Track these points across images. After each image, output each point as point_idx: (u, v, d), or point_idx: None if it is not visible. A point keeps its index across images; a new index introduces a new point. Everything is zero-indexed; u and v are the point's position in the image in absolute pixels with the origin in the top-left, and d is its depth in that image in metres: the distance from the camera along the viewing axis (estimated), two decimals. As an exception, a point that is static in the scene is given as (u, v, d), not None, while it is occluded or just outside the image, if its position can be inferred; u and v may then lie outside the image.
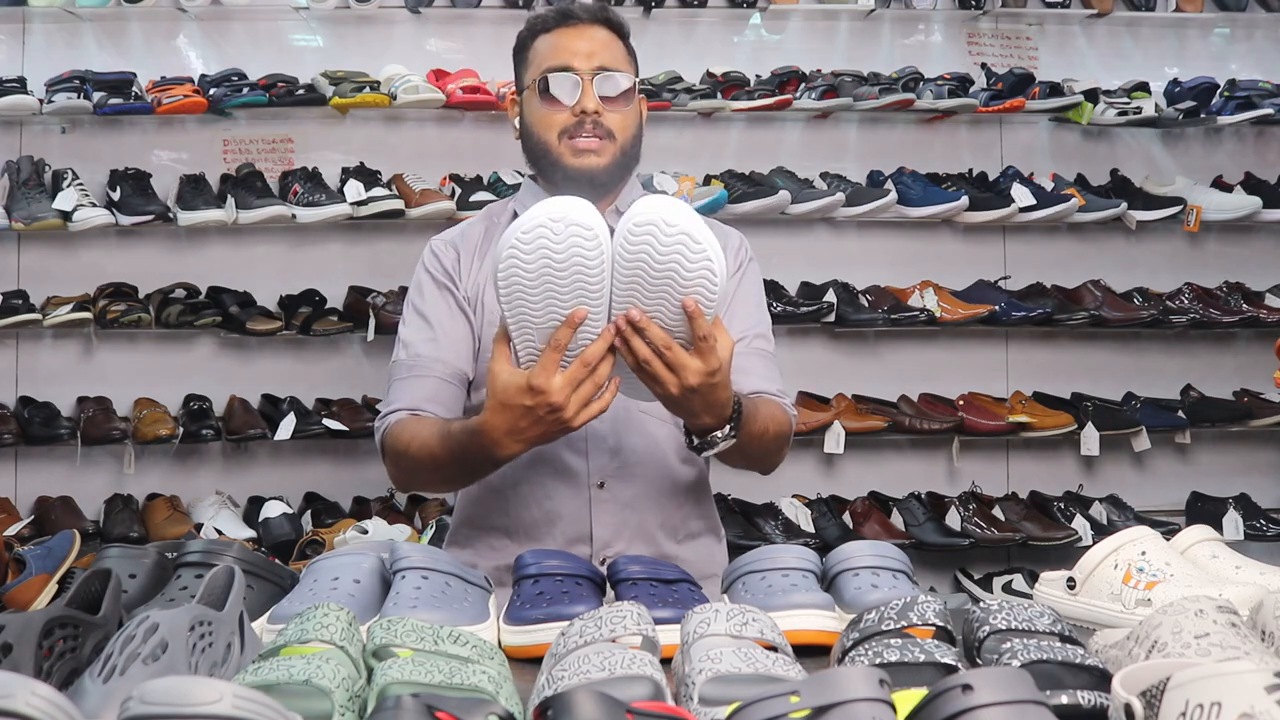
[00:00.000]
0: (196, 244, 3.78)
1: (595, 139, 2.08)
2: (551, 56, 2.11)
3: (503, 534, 2.13)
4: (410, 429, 2.01)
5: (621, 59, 2.14)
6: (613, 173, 2.12)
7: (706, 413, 1.79)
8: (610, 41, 2.15)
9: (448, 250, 2.20)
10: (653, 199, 1.65)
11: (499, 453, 1.81)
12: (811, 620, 1.56)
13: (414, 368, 2.10)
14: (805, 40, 4.05)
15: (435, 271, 2.17)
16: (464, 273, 2.17)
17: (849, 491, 3.88)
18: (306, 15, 3.78)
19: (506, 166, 3.70)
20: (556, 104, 2.09)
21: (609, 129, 2.09)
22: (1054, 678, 1.21)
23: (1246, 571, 1.66)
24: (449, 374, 2.09)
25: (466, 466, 1.94)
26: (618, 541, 2.10)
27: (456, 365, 2.10)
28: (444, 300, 2.15)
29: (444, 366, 2.09)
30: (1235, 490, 3.94)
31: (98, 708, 1.14)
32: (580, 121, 2.08)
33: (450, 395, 2.08)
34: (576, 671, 1.19)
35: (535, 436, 1.78)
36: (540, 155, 2.14)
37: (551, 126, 2.10)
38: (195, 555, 1.65)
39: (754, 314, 2.20)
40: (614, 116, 2.10)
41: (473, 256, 2.18)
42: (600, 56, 2.10)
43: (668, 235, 1.61)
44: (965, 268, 3.97)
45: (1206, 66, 4.10)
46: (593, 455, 2.09)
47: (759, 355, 2.15)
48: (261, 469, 3.79)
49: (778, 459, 2.14)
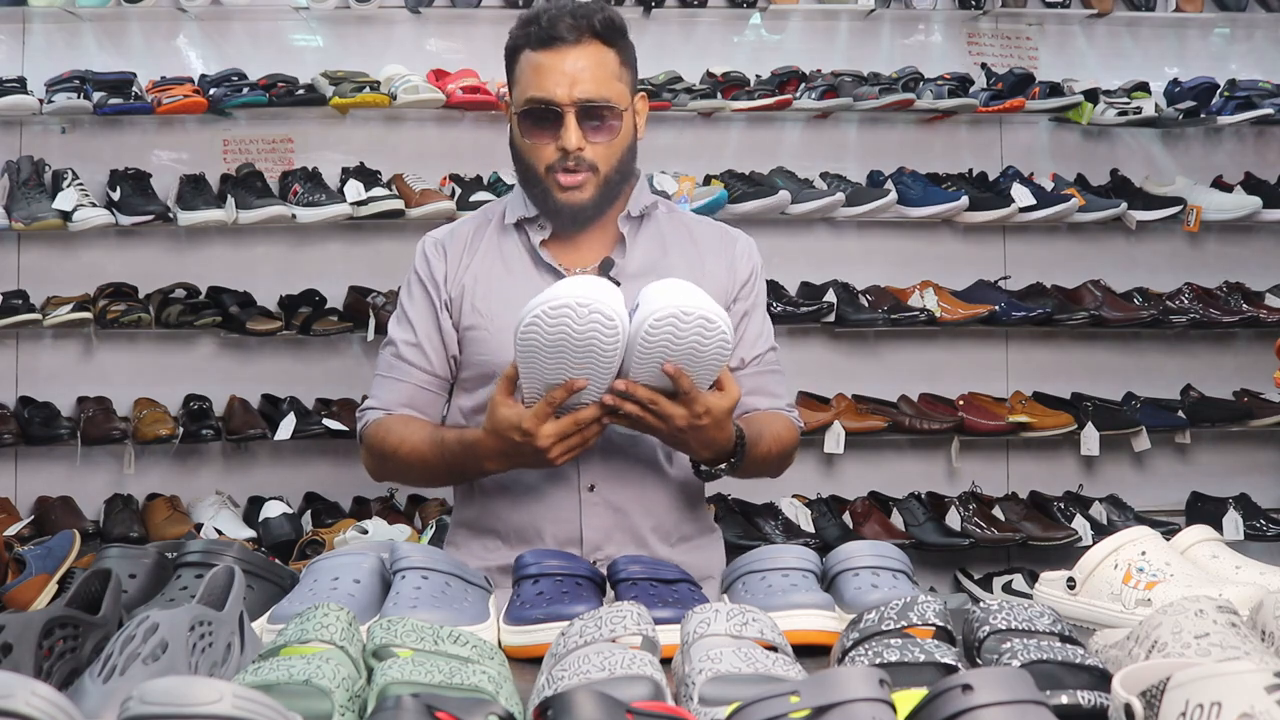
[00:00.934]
0: (196, 244, 3.78)
1: (579, 174, 2.08)
2: (535, 84, 2.07)
3: (496, 536, 2.15)
4: (398, 432, 2.12)
5: (610, 77, 2.08)
6: (598, 204, 2.12)
7: (704, 449, 1.95)
8: (599, 59, 2.07)
9: (437, 252, 2.22)
10: (666, 288, 1.78)
11: (488, 466, 2.00)
12: (811, 620, 1.56)
13: (393, 369, 2.19)
14: (805, 40, 4.05)
15: (423, 275, 2.21)
16: (451, 272, 2.20)
17: (849, 491, 3.88)
18: (306, 15, 3.78)
19: (506, 166, 3.66)
20: (540, 137, 2.08)
21: (592, 162, 2.08)
22: (1054, 678, 1.21)
23: (1246, 571, 1.66)
24: (425, 380, 2.18)
25: (456, 472, 2.11)
26: (608, 545, 2.10)
27: (434, 371, 2.18)
28: (427, 305, 2.19)
29: (420, 373, 2.18)
30: (1235, 490, 3.94)
31: (98, 708, 1.14)
32: (563, 156, 2.07)
33: (426, 400, 2.19)
34: (576, 671, 1.19)
35: (520, 463, 1.96)
36: (529, 181, 2.15)
37: (537, 160, 2.10)
38: (195, 555, 1.65)
39: (764, 327, 2.25)
40: (597, 149, 2.07)
41: (461, 254, 2.21)
42: (584, 85, 2.04)
43: (685, 322, 1.75)
44: (965, 268, 3.97)
45: (1206, 66, 4.10)
46: (584, 458, 2.08)
47: (770, 374, 2.22)
48: (261, 469, 3.79)
49: (785, 467, 2.24)
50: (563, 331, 1.72)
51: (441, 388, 2.20)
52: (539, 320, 1.72)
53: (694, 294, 1.77)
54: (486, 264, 2.18)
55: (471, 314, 2.14)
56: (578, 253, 2.18)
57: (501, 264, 2.18)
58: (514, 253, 2.18)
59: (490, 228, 2.23)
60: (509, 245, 2.19)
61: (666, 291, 1.77)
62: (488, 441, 1.93)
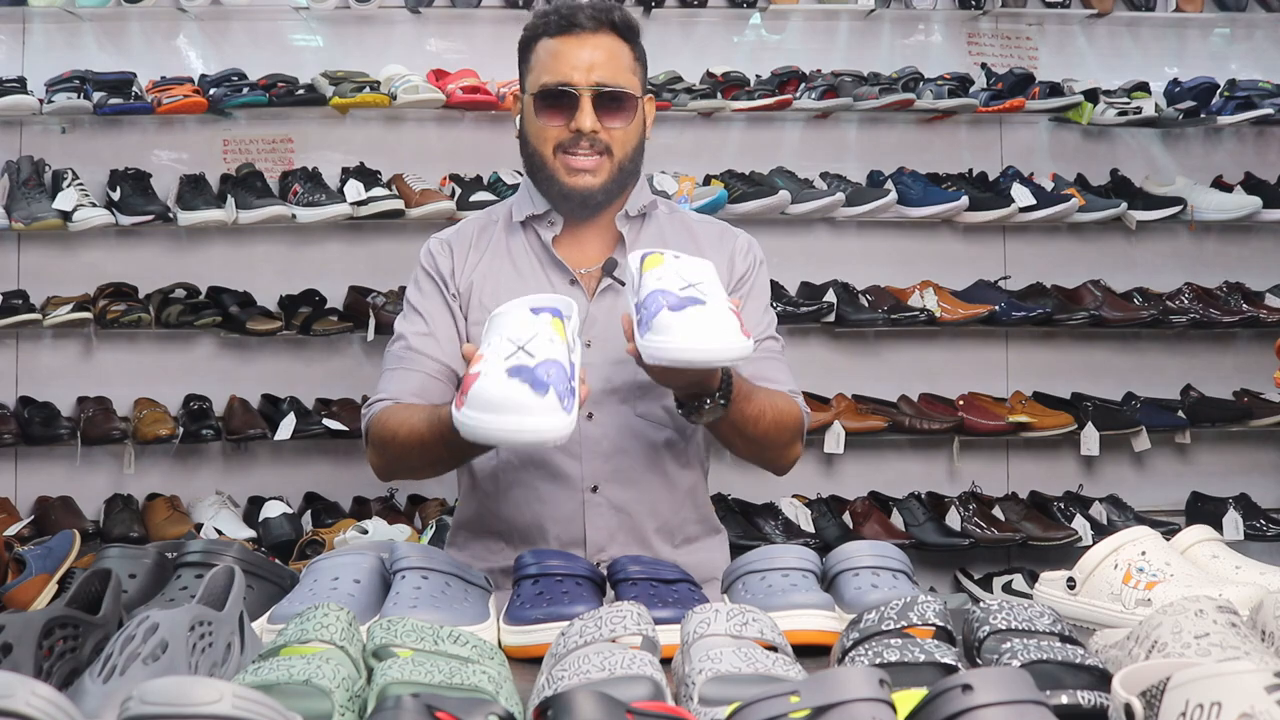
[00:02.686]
0: (196, 244, 3.78)
1: (592, 156, 2.08)
2: (551, 68, 2.08)
3: (498, 537, 2.15)
4: (397, 416, 2.03)
5: (625, 69, 2.10)
6: (609, 190, 2.12)
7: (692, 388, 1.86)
8: (614, 50, 2.10)
9: (443, 249, 2.22)
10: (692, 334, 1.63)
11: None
12: (811, 620, 1.56)
13: (403, 359, 2.13)
14: (805, 40, 4.05)
15: (430, 270, 2.20)
16: (458, 269, 2.19)
17: (849, 491, 3.87)
18: (306, 15, 3.78)
19: (506, 166, 3.69)
20: (553, 119, 2.08)
21: (606, 145, 2.08)
22: (1054, 678, 1.21)
23: (1246, 571, 1.66)
24: (437, 370, 2.11)
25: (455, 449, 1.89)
26: (611, 545, 2.10)
27: (445, 361, 2.12)
28: (437, 298, 2.17)
29: (433, 363, 2.11)
30: (1235, 490, 3.94)
31: (98, 708, 1.14)
32: (576, 137, 2.07)
33: (437, 391, 2.09)
34: (576, 671, 1.19)
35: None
36: (536, 167, 2.14)
37: (547, 140, 2.09)
38: (195, 555, 1.65)
39: (763, 319, 2.21)
40: (613, 133, 2.08)
41: (466, 253, 2.20)
42: (600, 70, 2.06)
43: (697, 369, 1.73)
44: (965, 268, 3.97)
45: (1206, 66, 4.09)
46: (586, 459, 2.10)
47: (769, 359, 2.16)
48: (261, 469, 3.79)
49: (787, 453, 2.14)
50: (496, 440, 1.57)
51: (452, 379, 2.12)
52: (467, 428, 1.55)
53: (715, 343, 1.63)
54: (494, 262, 2.18)
55: (479, 311, 2.12)
56: (583, 252, 2.18)
57: (509, 262, 2.18)
58: (522, 251, 2.19)
59: (497, 227, 2.23)
60: (516, 244, 2.20)
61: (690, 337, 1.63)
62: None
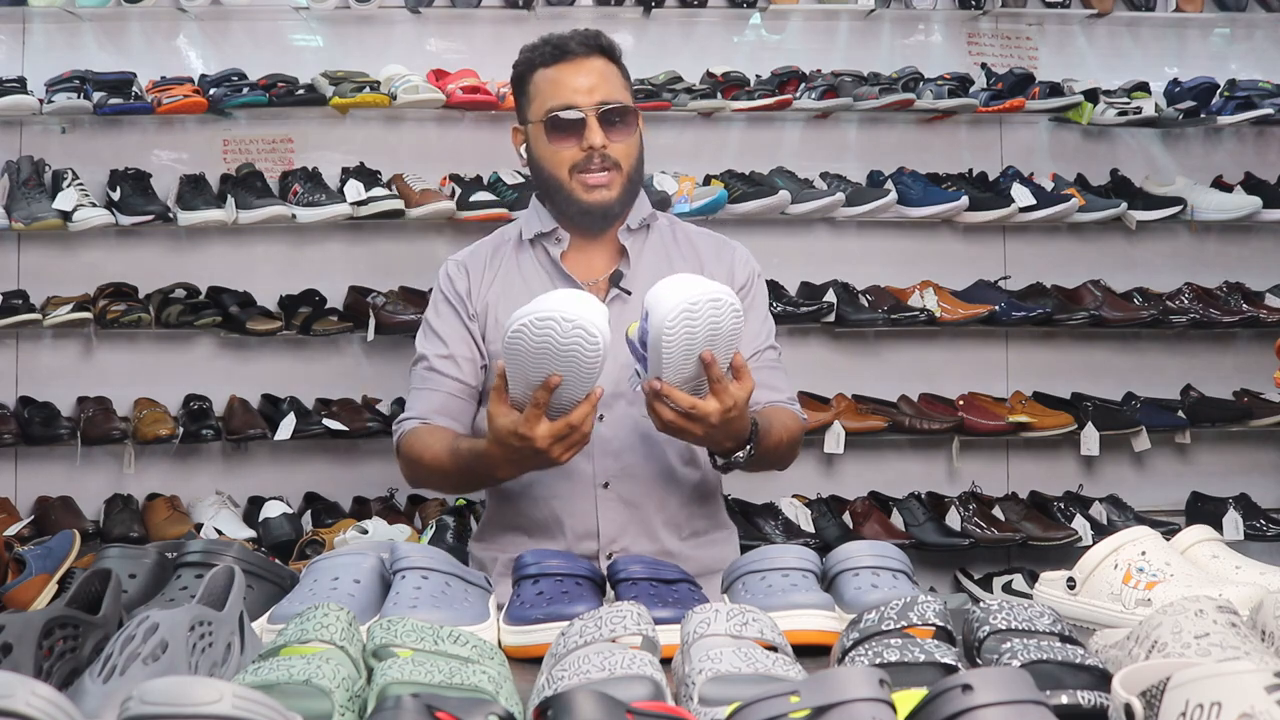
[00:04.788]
0: (196, 244, 3.78)
1: (604, 172, 2.22)
2: (554, 95, 2.23)
3: (520, 532, 2.28)
4: (423, 440, 2.23)
5: (620, 86, 2.27)
6: (624, 201, 2.27)
7: (728, 440, 2.03)
8: (607, 71, 2.26)
9: (459, 271, 2.37)
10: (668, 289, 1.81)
11: (499, 474, 2.10)
12: (811, 620, 1.56)
13: (427, 380, 2.31)
14: (805, 40, 4.05)
15: (448, 293, 2.36)
16: (474, 290, 2.34)
17: (849, 491, 3.87)
18: (306, 15, 3.78)
19: (506, 166, 3.70)
20: (564, 142, 2.22)
21: (615, 160, 2.23)
22: (1054, 678, 1.21)
23: (1246, 571, 1.66)
24: (458, 389, 2.30)
25: (473, 480, 2.21)
26: (623, 537, 2.24)
27: (465, 380, 2.30)
28: (456, 319, 2.32)
29: (453, 382, 2.30)
30: (1235, 490, 3.94)
31: (98, 708, 1.14)
32: (589, 156, 2.21)
33: (458, 408, 2.30)
34: (576, 671, 1.19)
35: (529, 466, 2.02)
36: (553, 190, 2.27)
37: (561, 164, 2.24)
38: (195, 555, 1.65)
39: (762, 328, 2.35)
40: (619, 146, 2.24)
41: (482, 273, 2.35)
42: (600, 90, 2.23)
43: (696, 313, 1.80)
44: (965, 268, 3.97)
45: (1206, 66, 4.09)
46: (598, 458, 2.23)
47: (770, 369, 2.32)
48: (261, 469, 3.79)
49: (791, 458, 2.35)
50: (545, 342, 1.77)
51: (472, 396, 2.32)
52: (524, 330, 1.78)
53: (692, 283, 1.82)
54: (507, 281, 2.32)
55: (495, 329, 2.26)
56: (589, 265, 2.32)
57: (521, 280, 2.31)
58: (532, 268, 2.33)
59: (508, 247, 2.37)
60: (526, 261, 2.34)
61: (669, 291, 1.82)
62: (494, 450, 1.99)
